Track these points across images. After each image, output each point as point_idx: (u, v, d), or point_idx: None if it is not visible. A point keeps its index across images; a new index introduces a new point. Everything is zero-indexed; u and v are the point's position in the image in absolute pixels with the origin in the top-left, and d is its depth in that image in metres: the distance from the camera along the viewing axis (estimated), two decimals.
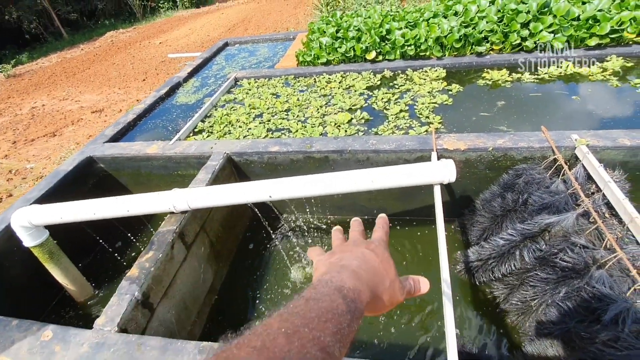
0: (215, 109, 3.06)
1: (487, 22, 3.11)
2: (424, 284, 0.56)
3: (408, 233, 2.35)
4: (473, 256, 1.95)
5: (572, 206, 1.67)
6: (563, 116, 2.32)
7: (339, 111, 2.59)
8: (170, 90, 3.58)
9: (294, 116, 2.65)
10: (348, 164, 2.18)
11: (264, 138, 2.50)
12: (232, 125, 2.73)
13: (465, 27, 3.10)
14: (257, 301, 2.12)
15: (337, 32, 3.42)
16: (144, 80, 8.50)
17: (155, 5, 19.36)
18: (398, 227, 2.39)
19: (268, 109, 2.85)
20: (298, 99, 2.86)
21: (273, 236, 2.46)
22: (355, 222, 0.65)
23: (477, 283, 1.97)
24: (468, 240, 2.20)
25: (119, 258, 2.51)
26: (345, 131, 2.36)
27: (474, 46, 3.09)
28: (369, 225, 0.63)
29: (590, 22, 2.96)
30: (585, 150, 1.86)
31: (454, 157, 2.06)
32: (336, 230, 0.65)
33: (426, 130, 2.25)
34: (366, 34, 3.25)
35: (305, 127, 2.48)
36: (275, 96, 3.06)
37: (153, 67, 9.32)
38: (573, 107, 2.40)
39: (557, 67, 2.81)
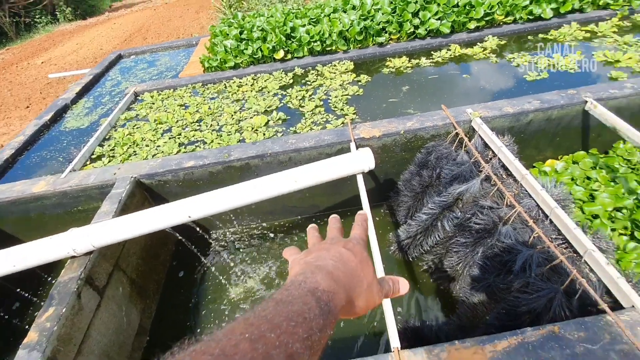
0: (115, 130, 2.73)
1: (382, 14, 3.29)
2: (403, 285, 0.54)
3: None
4: (403, 235, 2.05)
5: (476, 173, 1.84)
6: (458, 93, 2.57)
7: (254, 115, 2.50)
8: (55, 115, 3.10)
9: (207, 126, 2.49)
10: (271, 167, 2.11)
11: (176, 154, 2.30)
12: (137, 146, 2.46)
13: (364, 19, 3.25)
14: (197, 331, 1.95)
15: (241, 33, 3.31)
16: (27, 107, 7.29)
17: (30, 20, 16.73)
18: (322, 223, 2.41)
19: (177, 122, 2.63)
20: (209, 108, 2.69)
21: (203, 259, 2.28)
22: (333, 219, 0.62)
23: (410, 259, 2.08)
24: (397, 221, 2.31)
25: (18, 323, 2.09)
26: (264, 134, 2.28)
27: (374, 37, 3.25)
28: (300, 223, 0.57)
29: (467, 7, 3.32)
30: (479, 121, 2.07)
31: (372, 145, 2.13)
32: (311, 228, 0.62)
33: (342, 122, 2.29)
34: (271, 33, 3.20)
35: (221, 135, 2.34)
36: (183, 107, 2.85)
37: (37, 91, 8.05)
38: (465, 84, 2.67)
39: (447, 50, 3.11)
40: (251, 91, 2.82)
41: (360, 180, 1.75)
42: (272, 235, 2.40)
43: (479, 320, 1.54)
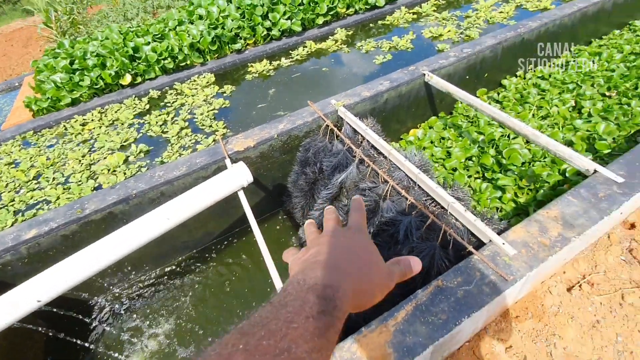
0: None
1: (232, 20, 3.21)
2: (415, 264, 0.50)
3: (241, 245, 2.26)
4: (303, 235, 2.04)
5: (351, 159, 1.93)
6: (322, 87, 2.68)
7: (108, 154, 2.15)
8: None
9: (48, 181, 2.04)
10: (141, 209, 1.85)
11: (12, 226, 1.82)
12: None
13: (214, 28, 3.11)
14: None
15: (72, 64, 2.81)
16: None
17: None
18: (222, 247, 2.26)
19: (7, 185, 2.09)
20: (48, 158, 2.21)
21: (87, 340, 1.88)
22: (329, 210, 0.56)
23: None
24: (297, 223, 2.30)
25: None
26: (125, 174, 1.98)
27: (230, 45, 3.15)
28: (197, 256, 0.44)
29: (312, 4, 3.48)
30: (344, 110, 2.18)
31: (249, 156, 2.05)
32: (308, 224, 0.56)
33: (214, 140, 2.14)
34: (110, 57, 2.80)
35: (69, 188, 1.95)
36: (13, 166, 2.28)
37: None
38: (326, 77, 2.79)
39: (303, 48, 3.22)
40: (100, 127, 2.42)
41: (242, 197, 1.66)
42: (169, 281, 2.12)
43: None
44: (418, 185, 1.69)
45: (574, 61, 3.03)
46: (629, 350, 1.19)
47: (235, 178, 1.58)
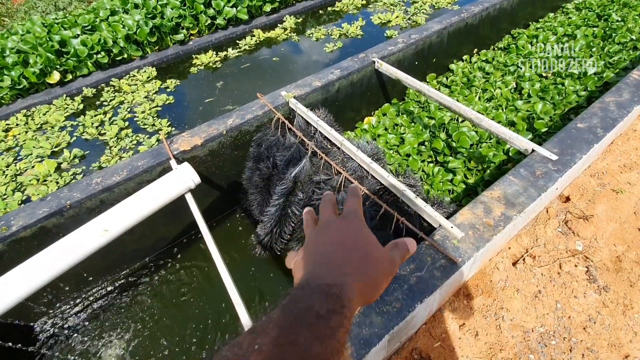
0: None
1: (172, 9, 2.99)
2: (411, 244, 0.48)
3: (197, 248, 2.16)
4: (261, 232, 1.98)
5: (304, 152, 1.89)
6: (272, 77, 2.59)
7: (37, 162, 1.93)
8: None
9: None
10: (79, 220, 1.68)
11: None
12: None
13: (152, 18, 2.88)
14: None
15: None
16: None
17: None
18: (177, 252, 2.15)
19: None
20: None
21: None
22: (326, 197, 0.53)
23: (278, 253, 2.05)
24: (256, 220, 2.24)
25: None
26: (57, 183, 1.80)
27: (171, 36, 2.94)
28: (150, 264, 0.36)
29: None
30: (294, 101, 2.12)
31: (197, 154, 1.94)
32: (306, 213, 0.54)
33: (157, 140, 2.00)
34: (33, 53, 2.50)
35: None
36: None
37: None
38: (276, 67, 2.71)
39: (251, 37, 3.09)
40: (26, 132, 2.17)
41: (189, 199, 1.56)
42: (120, 294, 1.98)
43: None
44: (371, 174, 1.69)
45: (514, 44, 3.18)
46: (567, 315, 1.28)
47: (180, 180, 1.49)
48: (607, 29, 3.09)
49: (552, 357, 1.17)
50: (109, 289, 2.00)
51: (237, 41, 3.07)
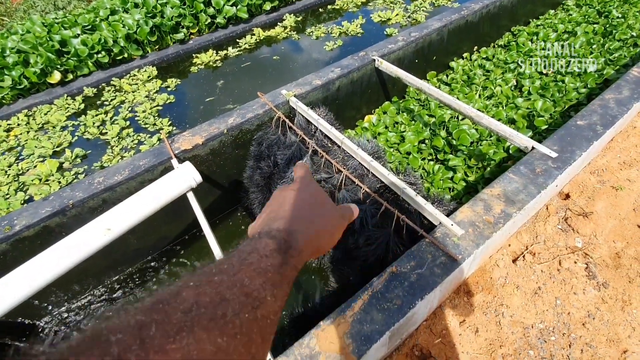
0: None
1: (172, 8, 2.99)
2: (355, 209, 0.53)
3: (199, 246, 2.17)
4: None
5: (305, 151, 1.90)
6: (273, 76, 2.60)
7: (39, 162, 1.95)
8: None
9: None
10: (82, 220, 1.70)
11: None
12: None
13: (152, 17, 2.89)
14: None
15: None
16: None
17: None
18: (180, 250, 2.16)
19: None
20: None
21: None
22: (297, 166, 0.54)
23: None
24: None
25: None
26: (59, 183, 1.81)
27: (171, 35, 2.95)
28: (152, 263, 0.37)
29: None
30: (295, 100, 2.13)
31: (199, 154, 1.95)
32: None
33: (159, 139, 2.01)
34: (33, 53, 2.51)
35: None
36: None
37: None
38: (277, 66, 2.71)
39: (251, 35, 3.09)
40: (28, 132, 2.18)
41: (191, 198, 1.57)
42: (122, 293, 2.00)
43: (348, 281, 1.64)
44: (372, 172, 1.70)
45: (514, 41, 3.18)
46: (567, 312, 1.29)
47: (182, 180, 1.50)
48: (607, 25, 3.09)
49: (552, 352, 1.18)
50: (112, 287, 2.02)
51: (237, 40, 3.07)
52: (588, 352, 1.16)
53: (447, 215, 1.35)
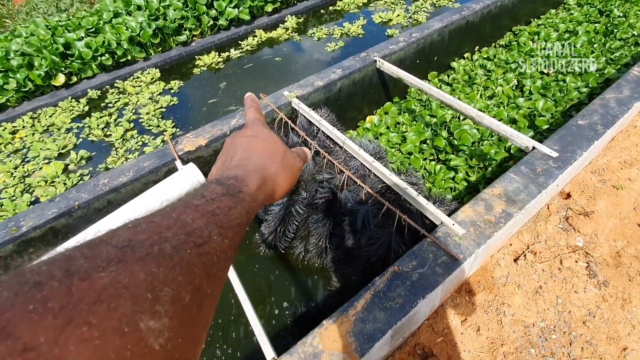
0: None
1: (175, 10, 3.02)
2: (307, 151, 0.54)
3: None
4: (265, 231, 2.01)
5: None
6: (275, 77, 2.61)
7: (45, 164, 1.97)
8: None
9: None
10: (87, 221, 1.72)
11: None
12: None
13: (155, 19, 2.91)
14: None
15: None
16: None
17: None
18: None
19: None
20: None
21: None
22: (246, 100, 0.53)
23: (282, 251, 2.07)
24: (260, 219, 2.27)
25: None
26: (65, 184, 1.83)
27: (174, 37, 2.97)
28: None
29: None
30: (297, 101, 2.14)
31: (202, 155, 1.97)
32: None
33: (162, 141, 2.03)
34: (38, 56, 2.54)
35: (2, 205, 1.77)
36: None
37: None
38: (279, 67, 2.73)
39: (253, 37, 3.11)
40: (33, 134, 2.21)
41: None
42: None
43: (350, 280, 1.66)
44: (374, 173, 1.71)
45: (516, 41, 3.18)
46: (568, 310, 1.30)
47: (186, 180, 1.52)
48: (608, 24, 3.09)
49: (553, 350, 1.19)
50: None
51: (240, 42, 3.09)
52: (588, 349, 1.17)
53: (449, 215, 1.36)
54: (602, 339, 1.19)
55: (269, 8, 3.38)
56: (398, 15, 3.22)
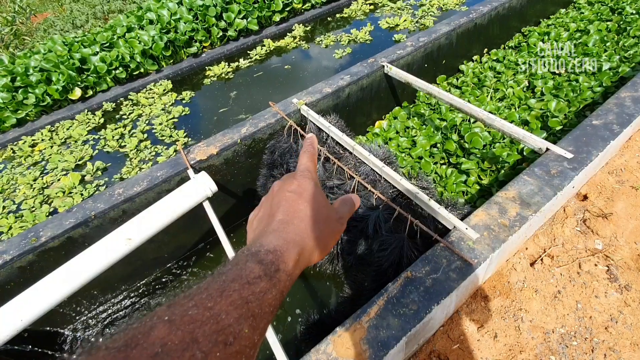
0: None
1: (185, 23, 3.10)
2: (356, 200, 0.50)
3: (217, 254, 2.21)
4: None
5: (317, 158, 1.92)
6: (283, 85, 2.64)
7: (62, 175, 2.03)
8: None
9: None
10: (103, 230, 1.76)
11: None
12: None
13: (166, 32, 2.99)
14: None
15: (13, 81, 2.62)
16: None
17: None
18: (197, 259, 2.21)
19: None
20: None
21: None
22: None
23: None
24: None
25: None
26: (82, 195, 1.88)
27: (185, 49, 3.04)
28: (171, 271, 0.40)
29: (267, 1, 3.42)
30: (306, 108, 2.16)
31: (213, 163, 2.00)
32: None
33: (175, 150, 2.07)
34: (55, 71, 2.63)
35: (22, 216, 1.83)
36: None
37: None
38: (288, 75, 2.76)
39: (262, 47, 3.16)
40: (51, 147, 2.28)
41: (207, 207, 1.61)
42: (142, 301, 2.05)
43: (362, 287, 1.64)
44: (384, 178, 1.71)
45: (525, 42, 3.15)
46: (588, 316, 1.26)
47: (198, 189, 1.54)
48: (621, 22, 3.03)
49: (574, 357, 1.16)
50: (131, 295, 2.07)
51: (248, 51, 3.14)
52: (611, 356, 1.13)
53: (462, 219, 1.35)
54: (626, 345, 1.15)
55: (277, 18, 3.44)
56: (405, 21, 3.23)
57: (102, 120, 2.49)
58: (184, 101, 2.56)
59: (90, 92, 2.73)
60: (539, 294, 1.34)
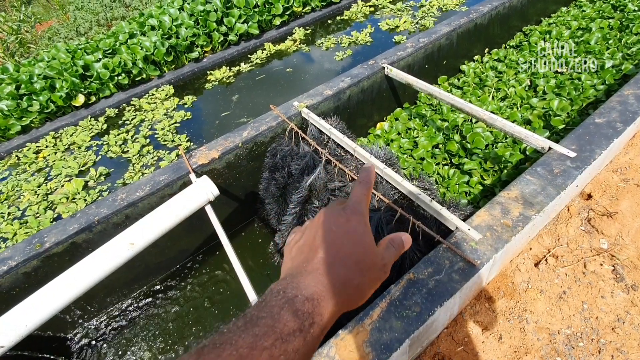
0: None
1: (186, 29, 3.12)
2: (406, 239, 0.44)
3: (219, 258, 2.21)
4: (280, 241, 2.02)
5: (318, 160, 1.92)
6: (285, 88, 2.65)
7: (66, 181, 2.05)
8: None
9: (3, 217, 1.92)
10: (107, 235, 1.77)
11: None
12: None
13: (168, 38, 3.02)
14: None
15: (17, 89, 2.65)
16: None
17: None
18: (199, 263, 2.21)
19: None
20: (1, 192, 2.09)
21: None
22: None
23: None
24: (274, 229, 2.28)
25: None
26: (85, 200, 1.90)
27: (186, 54, 3.07)
28: (174, 275, 0.40)
29: (267, 5, 3.44)
30: (307, 111, 2.16)
31: (215, 167, 2.00)
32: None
33: (177, 155, 2.08)
34: (59, 78, 2.66)
35: (27, 222, 1.84)
36: None
37: None
38: (289, 78, 2.77)
39: (262, 50, 3.18)
40: (55, 153, 2.30)
41: (209, 211, 1.62)
42: (147, 305, 2.05)
43: None
44: (385, 179, 1.70)
45: (526, 41, 3.13)
46: (594, 316, 1.24)
47: (200, 193, 1.54)
48: (623, 19, 3.01)
49: (580, 359, 1.14)
50: (135, 299, 2.08)
51: (249, 55, 3.16)
52: (619, 357, 1.11)
53: (464, 220, 1.34)
54: (634, 346, 1.13)
55: (277, 21, 3.45)
56: (405, 22, 3.24)
57: (105, 126, 2.51)
58: (186, 106, 2.58)
59: (94, 99, 2.75)
60: (544, 294, 1.33)
